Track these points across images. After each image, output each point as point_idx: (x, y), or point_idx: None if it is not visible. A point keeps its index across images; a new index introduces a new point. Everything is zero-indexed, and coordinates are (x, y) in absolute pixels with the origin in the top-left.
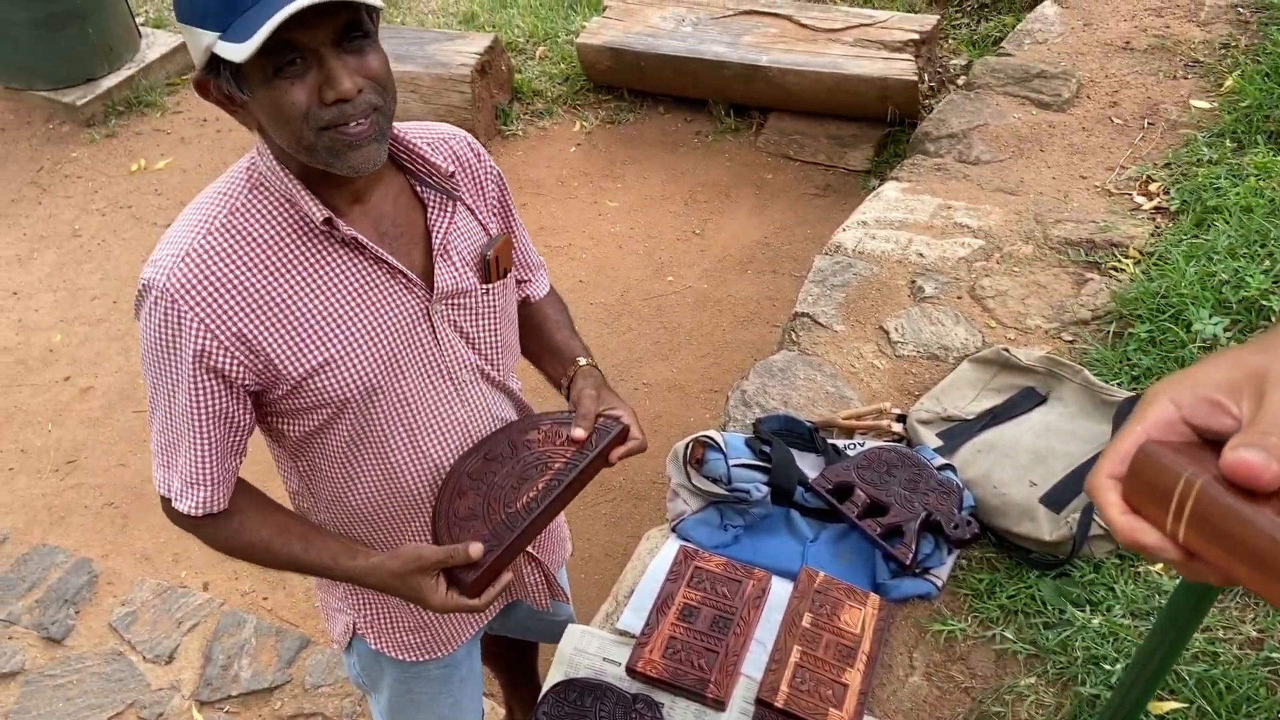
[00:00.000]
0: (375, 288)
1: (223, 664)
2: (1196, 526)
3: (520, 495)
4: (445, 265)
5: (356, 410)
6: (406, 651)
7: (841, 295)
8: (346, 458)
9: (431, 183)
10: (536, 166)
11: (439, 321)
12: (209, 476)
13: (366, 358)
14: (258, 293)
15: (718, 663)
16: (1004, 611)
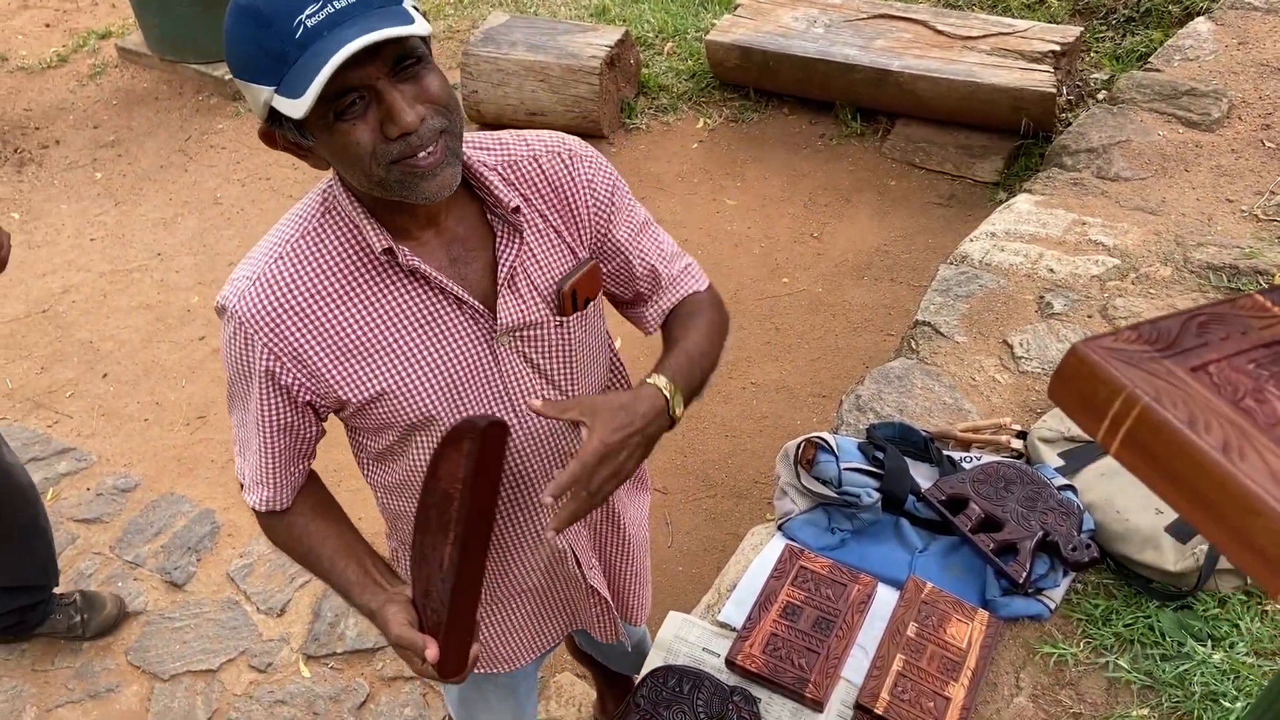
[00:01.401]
0: (437, 318)
1: (330, 621)
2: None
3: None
4: (511, 297)
5: (420, 437)
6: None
7: (965, 306)
8: (406, 482)
9: (499, 213)
10: (658, 161)
11: (504, 353)
12: (272, 479)
13: (425, 388)
14: (320, 320)
15: (818, 663)
16: (1119, 640)
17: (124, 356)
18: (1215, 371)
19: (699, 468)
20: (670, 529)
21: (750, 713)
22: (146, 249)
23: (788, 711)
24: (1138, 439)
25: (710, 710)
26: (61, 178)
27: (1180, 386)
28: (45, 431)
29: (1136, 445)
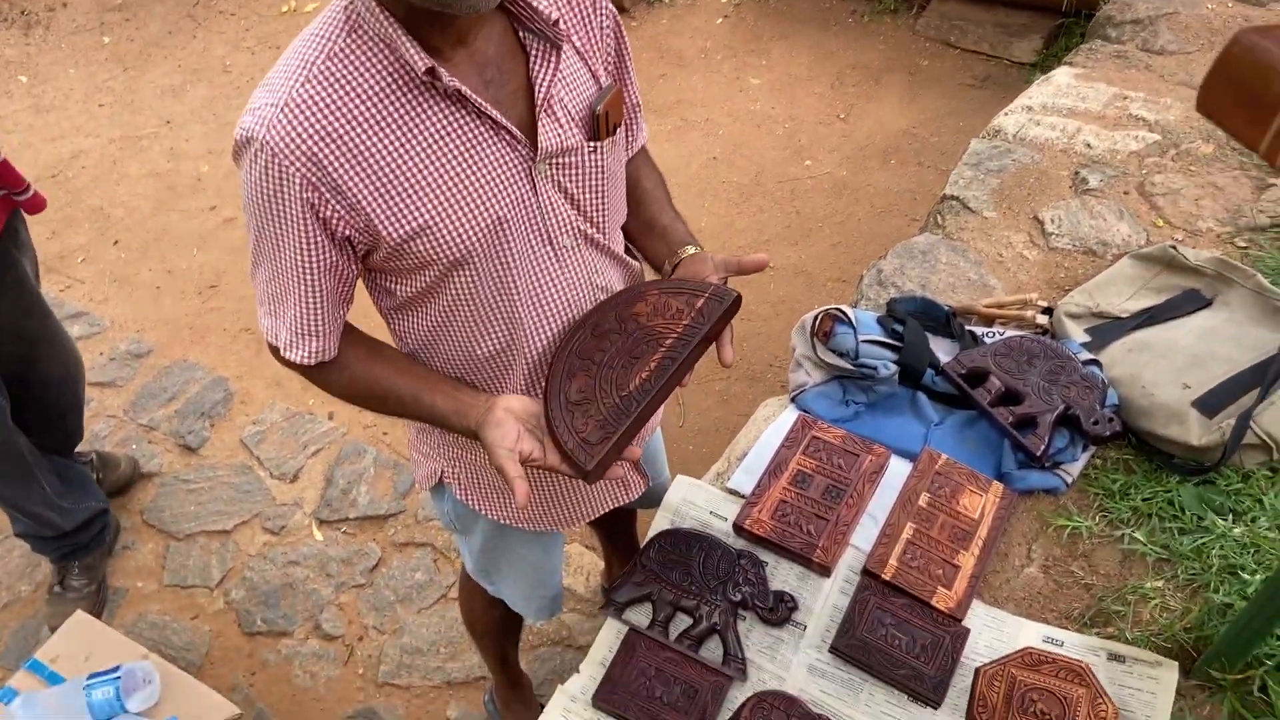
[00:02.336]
0: (478, 146)
1: (342, 488)
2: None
3: (632, 376)
4: (549, 121)
5: (458, 275)
6: (498, 512)
7: (996, 181)
8: (440, 324)
9: (534, 28)
10: (680, 36)
11: (542, 182)
12: (320, 327)
13: (468, 222)
14: (358, 149)
15: (827, 530)
16: (1136, 514)
17: (135, 224)
18: None
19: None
20: (683, 409)
21: (757, 575)
22: (156, 116)
23: (794, 575)
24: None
25: (717, 572)
26: (69, 41)
27: None
28: (58, 296)
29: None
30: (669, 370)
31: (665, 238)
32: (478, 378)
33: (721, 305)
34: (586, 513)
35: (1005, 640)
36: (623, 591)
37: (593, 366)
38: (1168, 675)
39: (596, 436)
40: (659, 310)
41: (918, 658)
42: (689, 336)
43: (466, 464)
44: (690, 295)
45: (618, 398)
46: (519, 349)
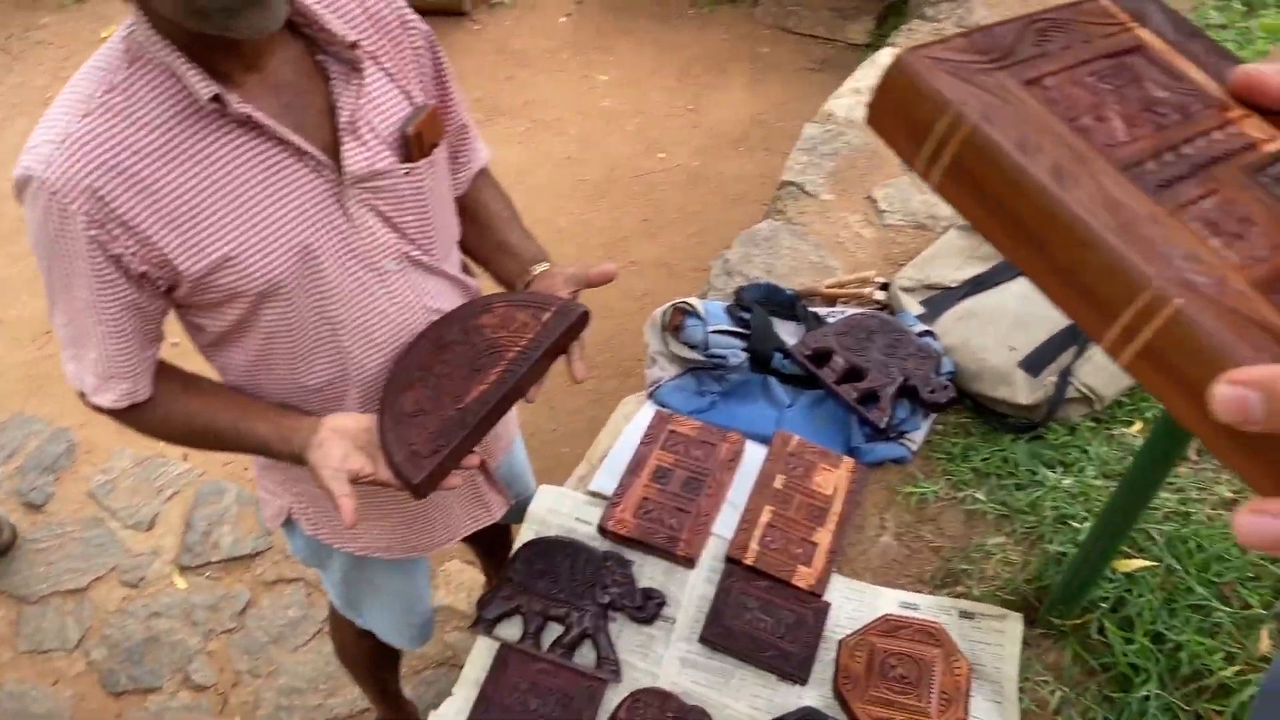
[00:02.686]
0: (278, 172)
1: (203, 531)
2: (954, 175)
3: (471, 388)
4: (354, 144)
5: (270, 307)
6: (352, 544)
7: (831, 164)
8: (261, 359)
9: (331, 51)
10: (523, 37)
11: (354, 206)
12: (127, 368)
13: (273, 251)
14: (145, 182)
15: (689, 522)
16: (976, 474)
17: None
18: (1053, 85)
19: None
20: (554, 412)
21: (624, 575)
22: None
23: (661, 570)
24: (963, 165)
25: (584, 576)
26: None
27: (1013, 103)
28: None
29: (960, 173)
30: (509, 383)
31: (516, 257)
32: (309, 409)
33: (567, 319)
34: (445, 538)
35: (865, 610)
36: (491, 607)
37: (430, 378)
38: (1013, 627)
39: (428, 449)
40: (505, 323)
41: (783, 638)
42: (532, 350)
43: (312, 498)
44: (537, 309)
45: (454, 410)
46: (349, 378)
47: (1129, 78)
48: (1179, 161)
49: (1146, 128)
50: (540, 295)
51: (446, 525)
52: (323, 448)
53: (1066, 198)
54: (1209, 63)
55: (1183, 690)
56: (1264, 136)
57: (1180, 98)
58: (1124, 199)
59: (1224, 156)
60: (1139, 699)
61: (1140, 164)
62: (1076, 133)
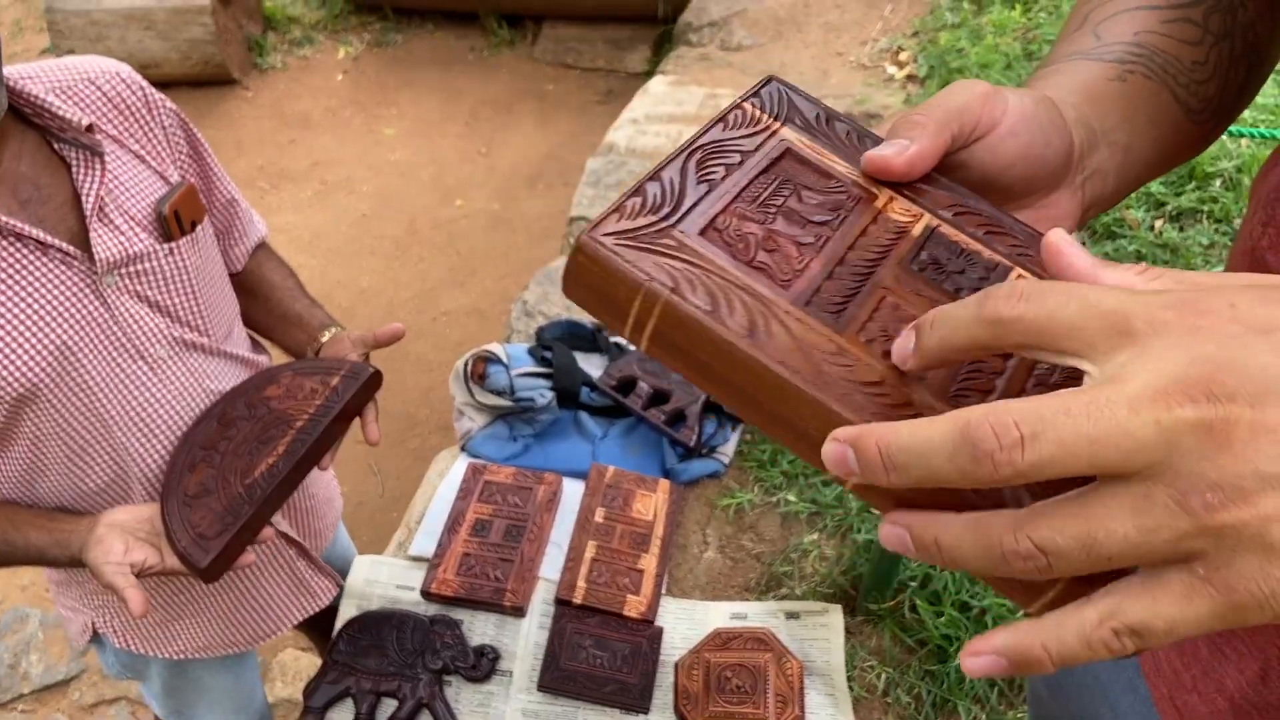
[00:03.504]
0: (23, 271)
1: (9, 663)
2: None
3: (259, 462)
4: (105, 230)
5: (31, 412)
6: (168, 649)
7: (616, 195)
8: (32, 468)
9: (67, 138)
10: (301, 99)
11: (113, 294)
12: None
13: (25, 353)
14: None
15: (514, 571)
16: (786, 476)
17: None
18: (725, 225)
19: (401, 409)
20: (380, 477)
21: (454, 636)
22: None
23: (491, 624)
24: (665, 337)
25: (412, 645)
26: None
27: (697, 262)
28: None
29: (665, 343)
30: (299, 452)
31: (302, 325)
32: (94, 511)
33: (357, 381)
34: (273, 629)
35: (697, 628)
36: (318, 695)
37: (215, 456)
38: (836, 619)
39: (214, 530)
40: (292, 392)
41: (620, 670)
42: (321, 416)
43: (117, 607)
44: (325, 374)
45: (241, 487)
46: (129, 475)
47: (786, 190)
48: (848, 276)
49: (812, 247)
50: (328, 360)
51: (270, 617)
52: (101, 544)
53: (762, 356)
54: (850, 150)
55: None
56: (908, 219)
57: (832, 197)
58: (811, 339)
59: (882, 256)
60: (956, 668)
61: (817, 292)
62: (757, 274)
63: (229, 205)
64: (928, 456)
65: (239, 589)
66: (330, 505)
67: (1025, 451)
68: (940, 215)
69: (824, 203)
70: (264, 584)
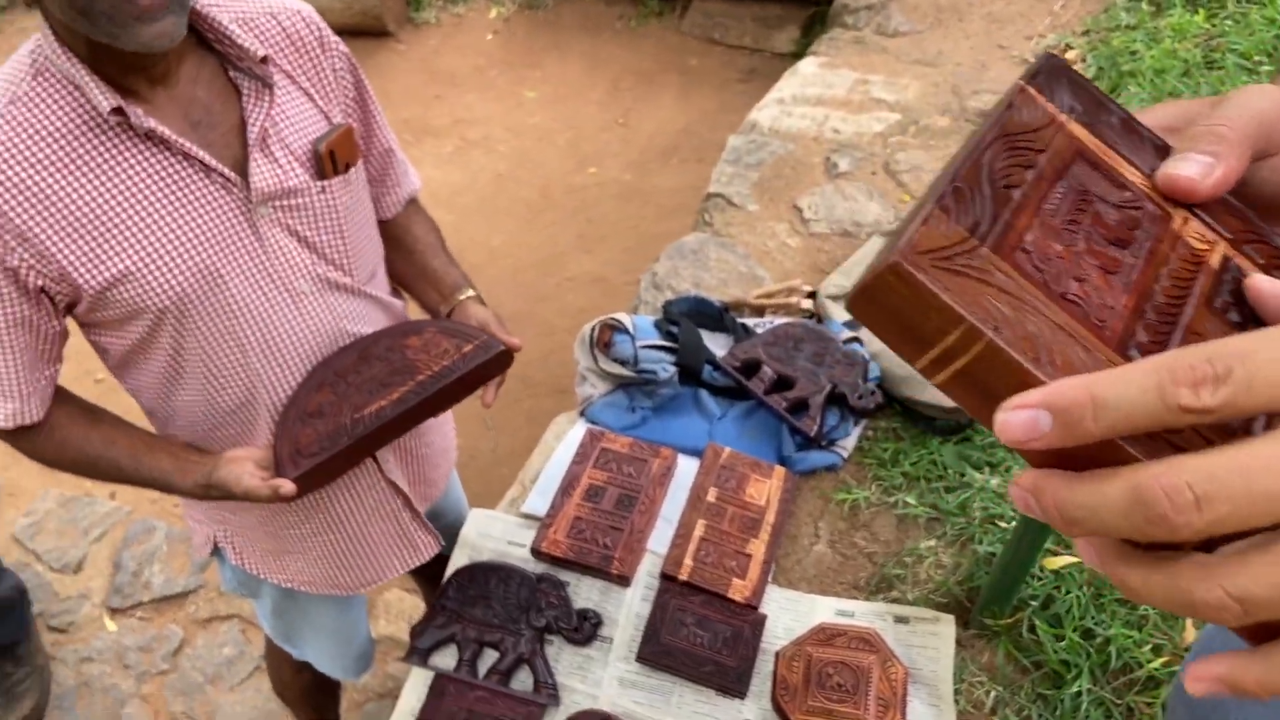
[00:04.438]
0: (184, 188)
1: (133, 571)
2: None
3: (373, 401)
4: (265, 161)
5: (175, 324)
6: (279, 576)
7: (755, 174)
8: (170, 379)
9: (244, 67)
10: (451, 56)
11: (265, 225)
12: (15, 388)
13: (175, 267)
14: (44, 193)
15: (622, 540)
16: (907, 478)
17: None
18: (1032, 246)
19: (517, 369)
20: (493, 433)
21: (559, 597)
22: None
23: (596, 590)
24: (974, 378)
25: (518, 600)
26: None
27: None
28: None
29: (970, 382)
30: (409, 403)
31: (438, 283)
32: (222, 433)
33: (485, 355)
34: (374, 577)
35: (801, 620)
36: (425, 637)
37: (342, 384)
38: (947, 629)
39: (310, 450)
40: (428, 346)
41: (720, 652)
42: (442, 376)
43: (236, 526)
44: (461, 339)
45: (349, 419)
46: (259, 400)
47: (1083, 202)
48: (1157, 317)
49: (1119, 277)
50: (469, 328)
51: (373, 565)
52: (231, 464)
53: None
54: (1134, 147)
55: (1114, 684)
56: (1204, 246)
57: (1128, 213)
58: None
59: (1186, 292)
60: (1071, 695)
61: (1131, 336)
62: (1072, 311)
63: (385, 154)
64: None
65: (345, 534)
66: (446, 456)
67: (1202, 513)
68: (1234, 243)
69: (1122, 220)
70: (369, 532)
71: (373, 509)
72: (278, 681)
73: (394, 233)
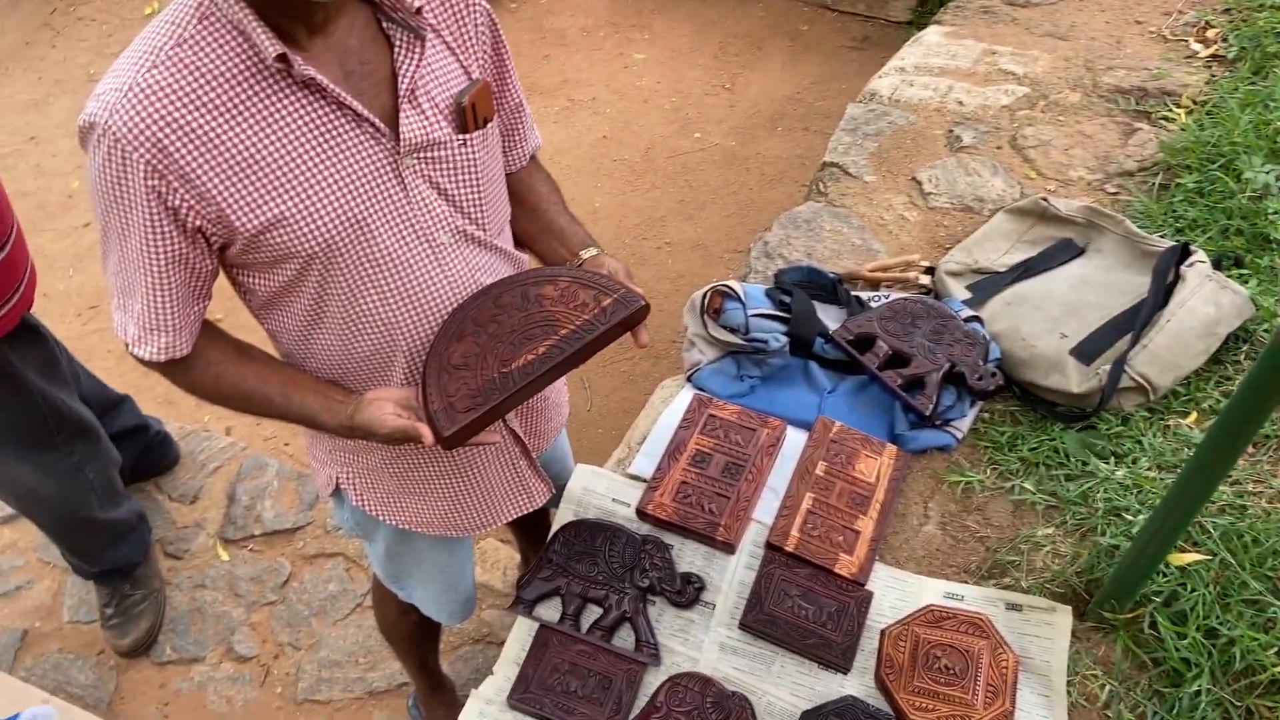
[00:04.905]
0: (337, 136)
1: (246, 505)
2: None
3: (519, 355)
4: (414, 112)
5: (321, 270)
6: (397, 517)
7: (874, 144)
8: (312, 323)
9: (398, 18)
10: (561, 15)
11: (411, 176)
12: (169, 321)
13: (326, 213)
14: (206, 135)
15: (728, 507)
16: (1024, 464)
17: None
18: None
19: None
20: (589, 393)
21: (663, 559)
22: (18, 133)
23: (700, 556)
24: None
25: (623, 560)
26: None
27: None
28: None
29: None
30: (555, 360)
31: (564, 240)
32: (356, 376)
33: (626, 309)
34: (489, 520)
35: (908, 600)
36: (531, 588)
37: (483, 335)
38: (1063, 620)
39: (464, 405)
40: (565, 297)
41: (824, 626)
42: (585, 332)
43: (360, 469)
44: (600, 291)
45: (498, 373)
46: (395, 347)
47: None
48: None
49: None
50: (605, 279)
51: (489, 508)
52: (372, 405)
53: None
54: None
55: (1235, 686)
56: None
57: None
58: None
59: None
60: (1190, 694)
61: None
62: None
63: (516, 109)
64: None
65: (466, 477)
66: (559, 410)
67: None
68: None
69: None
70: (488, 476)
71: (493, 454)
72: (383, 620)
73: (518, 188)
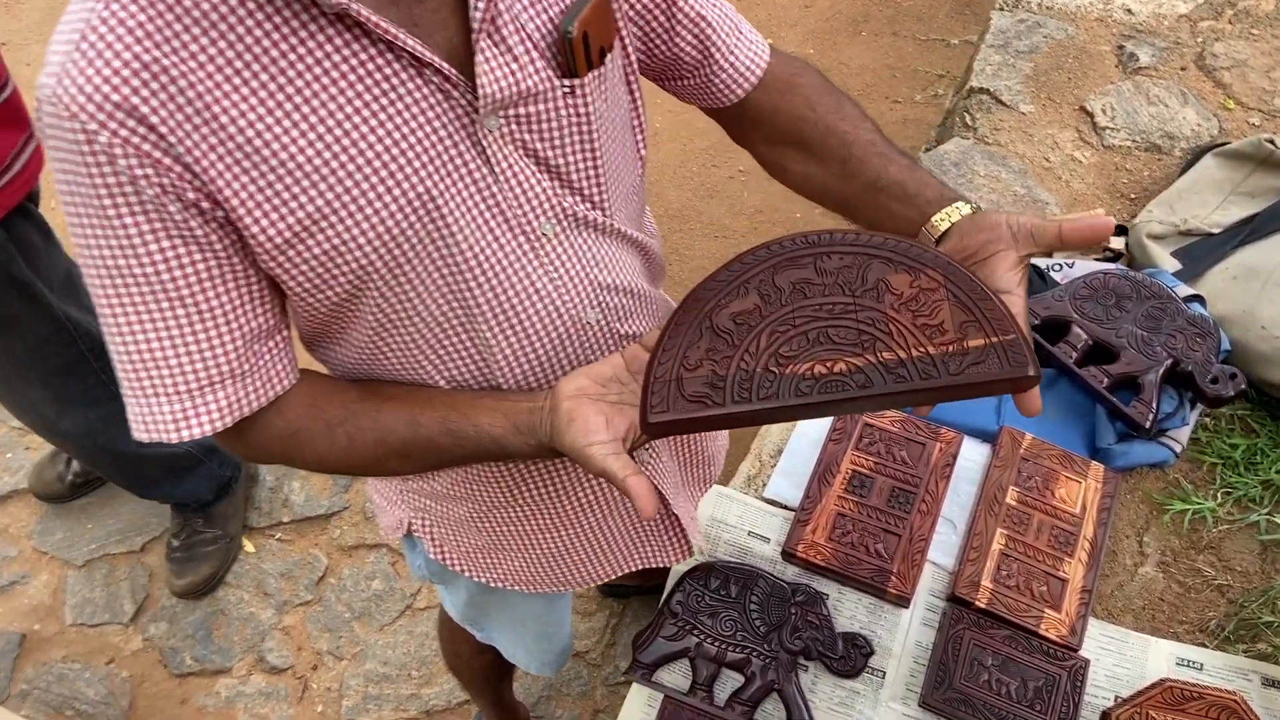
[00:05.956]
0: (388, 92)
1: (271, 485)
2: None
3: (805, 358)
4: (496, 52)
5: (381, 287)
6: (484, 575)
7: (1029, 65)
8: (373, 357)
9: None
10: None
11: (496, 144)
12: (220, 361)
13: (381, 207)
14: (201, 100)
15: (899, 549)
16: (1269, 489)
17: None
18: None
19: (687, 275)
20: None
21: (818, 615)
22: None
23: (863, 609)
24: None
25: (767, 616)
26: None
27: None
28: None
29: None
30: (846, 394)
31: (906, 199)
32: None
33: (1001, 370)
34: (600, 575)
35: (1129, 665)
36: (651, 649)
37: (775, 300)
38: None
39: (694, 391)
40: (919, 305)
41: (1031, 706)
42: (919, 373)
43: (438, 517)
44: (971, 321)
45: (760, 367)
46: (492, 382)
47: None
48: None
49: None
50: (997, 308)
51: (606, 561)
52: (575, 423)
53: None
54: None
55: None
56: None
57: None
58: None
59: None
60: None
61: None
62: None
63: (697, 22)
64: None
65: (579, 528)
66: (716, 460)
67: None
68: None
69: None
70: (609, 526)
71: (618, 499)
72: (453, 658)
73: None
